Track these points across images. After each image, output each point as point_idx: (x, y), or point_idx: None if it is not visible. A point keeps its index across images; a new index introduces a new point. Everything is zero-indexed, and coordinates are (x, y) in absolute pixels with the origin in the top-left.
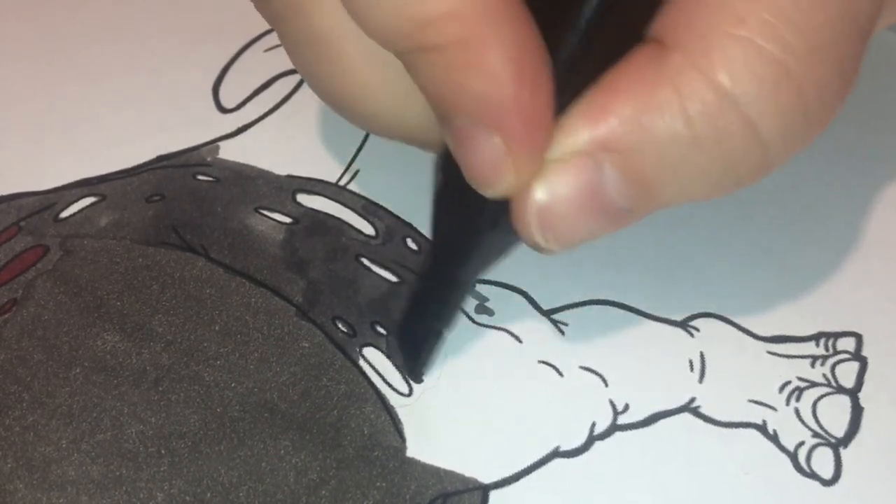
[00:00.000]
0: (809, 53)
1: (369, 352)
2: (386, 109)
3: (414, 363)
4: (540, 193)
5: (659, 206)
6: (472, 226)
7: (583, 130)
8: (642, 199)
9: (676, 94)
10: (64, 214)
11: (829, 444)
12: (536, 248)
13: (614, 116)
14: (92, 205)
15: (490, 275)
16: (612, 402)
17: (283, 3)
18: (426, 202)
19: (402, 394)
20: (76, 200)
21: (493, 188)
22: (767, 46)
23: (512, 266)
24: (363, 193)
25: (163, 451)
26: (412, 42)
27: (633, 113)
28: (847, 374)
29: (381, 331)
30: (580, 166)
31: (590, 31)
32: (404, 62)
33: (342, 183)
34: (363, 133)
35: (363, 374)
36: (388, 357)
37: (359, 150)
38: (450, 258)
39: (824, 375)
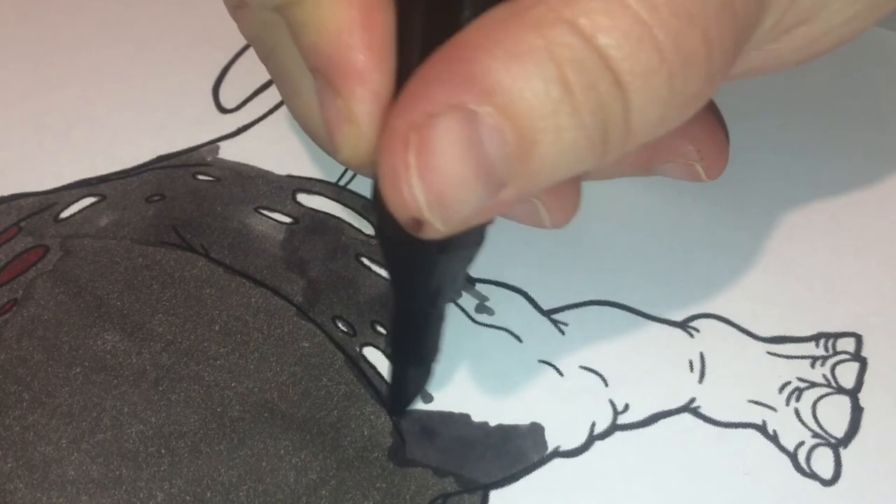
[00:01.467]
0: (675, 18)
1: (369, 351)
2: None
3: (399, 399)
4: (415, 149)
5: (539, 174)
6: (420, 255)
7: (452, 84)
8: (522, 157)
9: (543, 39)
10: (64, 215)
11: (828, 445)
12: (416, 224)
13: (482, 67)
14: (92, 205)
15: (490, 274)
16: (612, 402)
17: (264, 47)
18: None
19: None
20: (76, 201)
21: (340, 152)
22: (633, 4)
23: (512, 266)
24: (363, 193)
25: (163, 451)
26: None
27: (502, 62)
28: (847, 374)
29: (381, 330)
30: (455, 118)
31: None
32: (287, 22)
33: (342, 183)
34: None
35: (363, 374)
36: (388, 356)
37: None
38: (410, 293)
39: (824, 376)
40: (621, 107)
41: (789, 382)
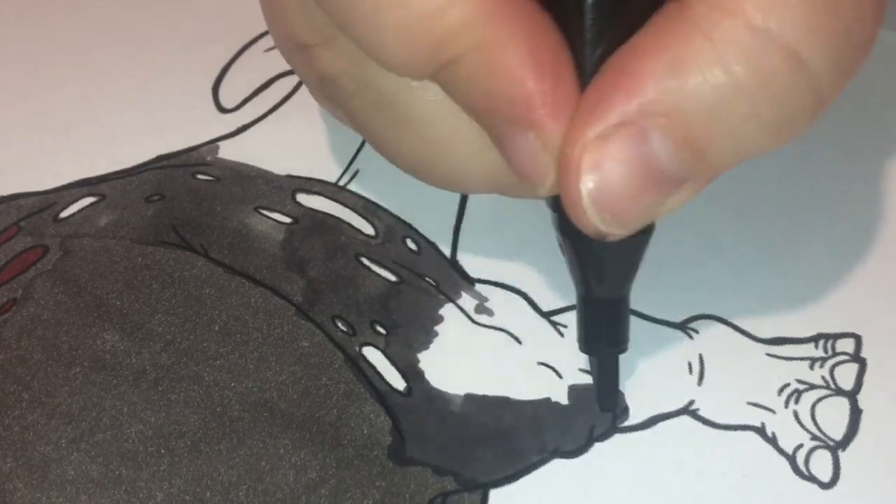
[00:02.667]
0: None
1: (369, 351)
2: (466, 161)
3: (612, 394)
4: (588, 175)
5: (717, 169)
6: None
7: (620, 101)
8: (696, 162)
9: (709, 41)
10: (64, 214)
11: (827, 447)
12: (599, 235)
13: (649, 78)
14: (92, 205)
15: (490, 275)
16: None
17: (351, 77)
18: (426, 202)
19: (401, 393)
20: (76, 200)
21: (541, 185)
22: None
23: (512, 267)
24: (363, 193)
25: (162, 451)
26: (434, 63)
27: (668, 70)
28: (846, 375)
29: (381, 330)
30: (624, 137)
31: (601, 3)
32: (438, 83)
33: (342, 183)
34: None
35: (363, 373)
36: (388, 356)
37: (359, 150)
38: (594, 281)
39: (823, 377)
40: (808, 86)
41: (788, 384)
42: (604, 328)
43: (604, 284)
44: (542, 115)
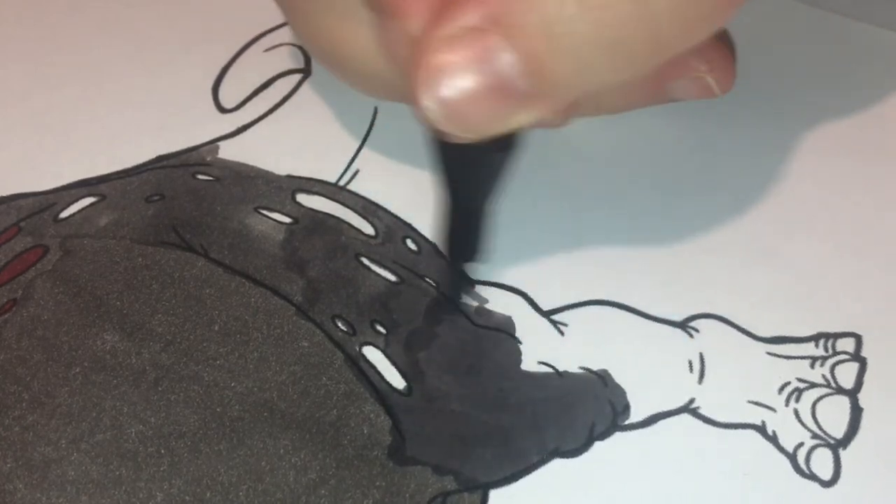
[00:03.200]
0: None
1: (369, 350)
2: (359, 52)
3: (473, 247)
4: (434, 71)
5: (563, 90)
6: (466, 154)
7: (472, 5)
8: (543, 80)
9: None
10: (64, 215)
11: (828, 445)
12: (441, 133)
13: None
14: (92, 205)
15: (490, 275)
16: (611, 403)
17: None
18: (426, 202)
19: (401, 393)
20: (76, 201)
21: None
22: None
23: (511, 267)
24: (363, 193)
25: (162, 451)
26: None
27: None
28: (846, 374)
29: (381, 329)
30: (471, 40)
31: None
32: None
33: (342, 183)
34: (363, 133)
35: (363, 372)
36: (388, 356)
37: (359, 150)
38: (461, 191)
39: (824, 376)
40: (648, 21)
41: (789, 383)
42: (462, 238)
43: (464, 194)
44: (413, 9)
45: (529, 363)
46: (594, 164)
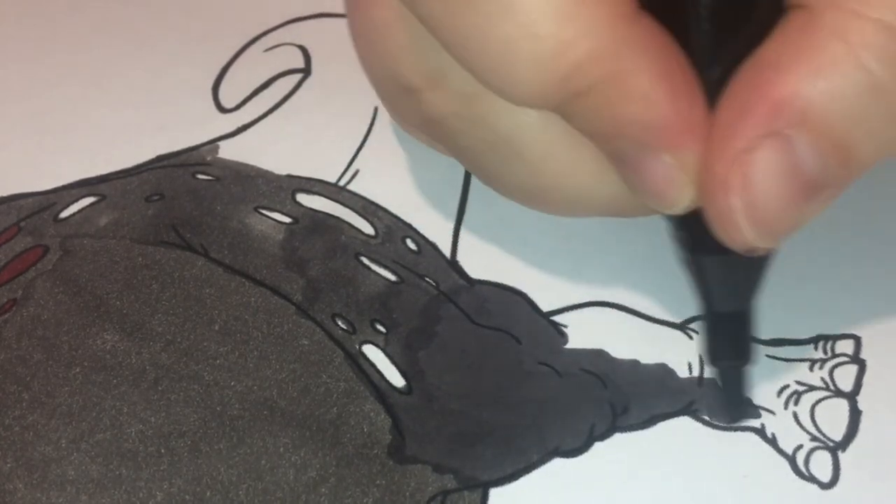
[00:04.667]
0: None
1: (369, 349)
2: (584, 189)
3: (739, 405)
4: (738, 190)
5: (860, 170)
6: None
7: (763, 111)
8: (842, 165)
9: (845, 45)
10: (64, 214)
11: (827, 448)
12: (750, 249)
13: (790, 87)
14: (92, 205)
15: (490, 276)
16: (611, 404)
17: (460, 117)
18: (426, 202)
19: (401, 392)
20: (76, 200)
21: (677, 205)
22: None
23: (512, 268)
24: (363, 193)
25: (162, 451)
26: (563, 94)
27: (808, 78)
28: (845, 377)
29: (381, 329)
30: (771, 148)
31: (718, 18)
32: (562, 114)
33: (342, 183)
34: (363, 133)
35: (363, 371)
36: (388, 354)
37: (359, 150)
38: (721, 296)
39: (822, 379)
40: None
41: (788, 385)
42: (728, 341)
43: (730, 299)
44: (680, 136)
45: (529, 363)
46: None
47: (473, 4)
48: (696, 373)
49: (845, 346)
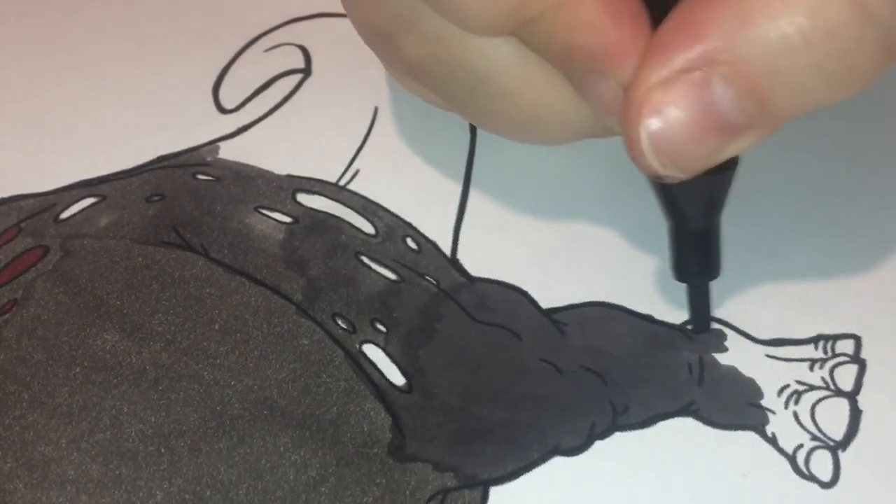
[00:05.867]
0: None
1: (369, 348)
2: (561, 115)
3: (704, 318)
4: (649, 119)
5: (779, 118)
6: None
7: (685, 47)
8: (759, 111)
9: None
10: (64, 215)
11: (827, 447)
12: (657, 177)
13: (715, 27)
14: (92, 205)
15: (490, 273)
16: (611, 402)
17: (438, 60)
18: (426, 202)
19: (401, 390)
20: (76, 201)
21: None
22: None
23: (512, 266)
24: (363, 193)
25: (162, 450)
26: (516, 21)
27: (734, 20)
28: (846, 376)
29: (381, 328)
30: (688, 83)
31: None
32: (520, 40)
33: (342, 183)
34: (363, 133)
35: (363, 370)
36: (388, 353)
37: (359, 150)
38: (682, 215)
39: (823, 378)
40: (876, 37)
41: (788, 385)
42: (694, 257)
43: (691, 218)
44: (623, 60)
45: (530, 359)
46: (596, 163)
47: None
48: (696, 373)
49: (845, 346)
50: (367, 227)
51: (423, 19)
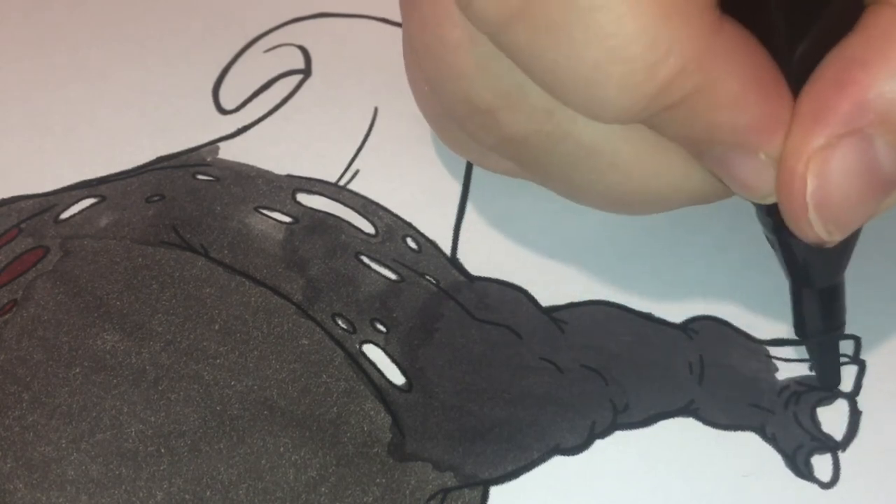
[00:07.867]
0: None
1: (369, 348)
2: (673, 187)
3: (835, 374)
4: (815, 187)
5: None
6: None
7: (843, 109)
8: None
9: None
10: (64, 216)
11: (827, 448)
12: (820, 242)
13: (873, 85)
14: (92, 206)
15: (490, 272)
16: (611, 401)
17: (543, 134)
18: (426, 201)
19: (401, 390)
20: (76, 202)
21: (769, 196)
22: None
23: (512, 265)
24: (363, 193)
25: (162, 450)
26: (656, 108)
27: (890, 77)
28: (845, 377)
29: (381, 328)
30: (849, 146)
31: (794, 10)
32: (651, 126)
33: (342, 183)
34: (363, 133)
35: (363, 370)
36: (388, 353)
37: (359, 150)
38: (809, 274)
39: None
40: None
41: (788, 386)
42: (820, 315)
43: (819, 276)
44: (772, 134)
45: (530, 358)
46: None
47: (560, 31)
48: (696, 372)
49: (845, 346)
50: (367, 227)
51: (532, 95)
